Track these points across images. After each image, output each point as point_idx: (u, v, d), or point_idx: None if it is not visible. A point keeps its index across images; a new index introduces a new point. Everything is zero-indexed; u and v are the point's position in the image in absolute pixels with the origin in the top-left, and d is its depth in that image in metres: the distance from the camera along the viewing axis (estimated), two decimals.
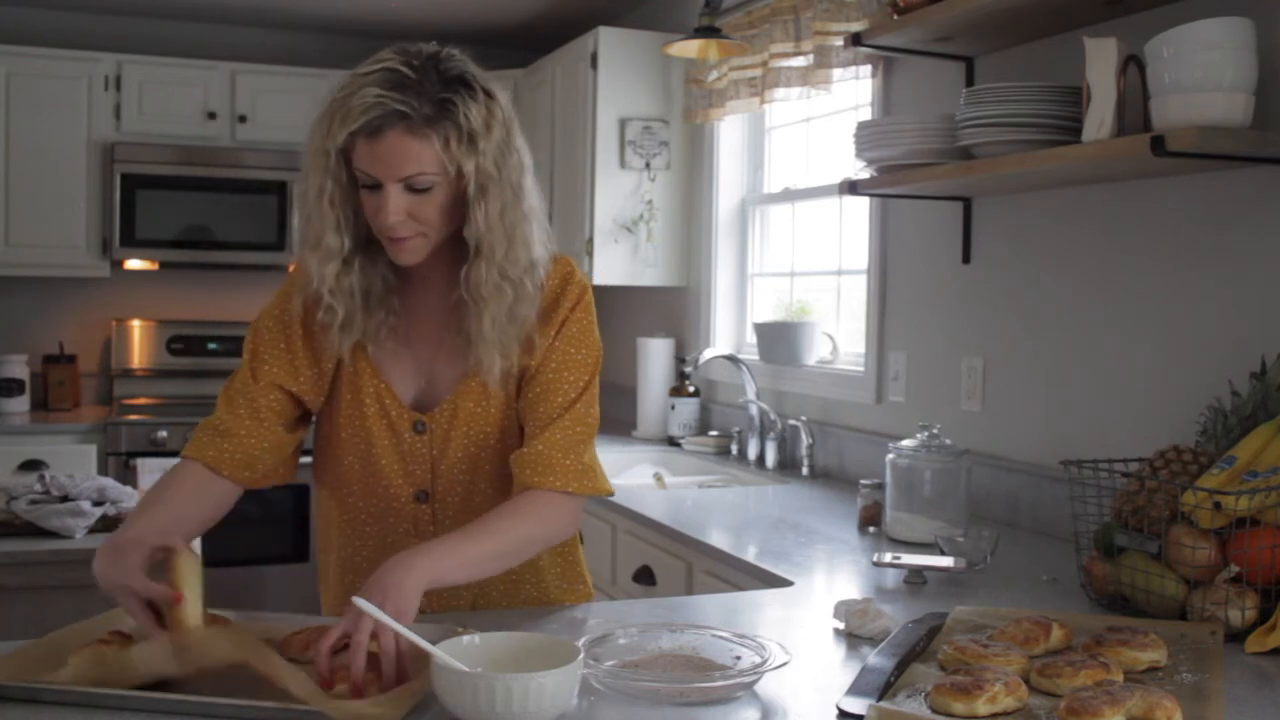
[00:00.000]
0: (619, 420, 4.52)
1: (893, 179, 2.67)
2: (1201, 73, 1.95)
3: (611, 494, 1.71)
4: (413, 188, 1.52)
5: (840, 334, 3.58)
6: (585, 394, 1.68)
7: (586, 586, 1.86)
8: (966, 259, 2.87)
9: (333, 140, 1.51)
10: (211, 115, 4.85)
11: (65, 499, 2.52)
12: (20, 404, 4.66)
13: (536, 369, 1.67)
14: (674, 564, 2.65)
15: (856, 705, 1.32)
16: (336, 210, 1.56)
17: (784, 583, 2.13)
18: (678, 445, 4.01)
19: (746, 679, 1.39)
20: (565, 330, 1.68)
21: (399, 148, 1.49)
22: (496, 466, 1.70)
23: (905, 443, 2.54)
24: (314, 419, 1.77)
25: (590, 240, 4.23)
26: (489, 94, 1.55)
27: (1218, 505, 1.68)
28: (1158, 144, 1.95)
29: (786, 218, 3.98)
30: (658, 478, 3.54)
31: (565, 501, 1.64)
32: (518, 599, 1.77)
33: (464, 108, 1.50)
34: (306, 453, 1.77)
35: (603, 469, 1.71)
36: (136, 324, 5.07)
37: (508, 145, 1.56)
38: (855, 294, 3.46)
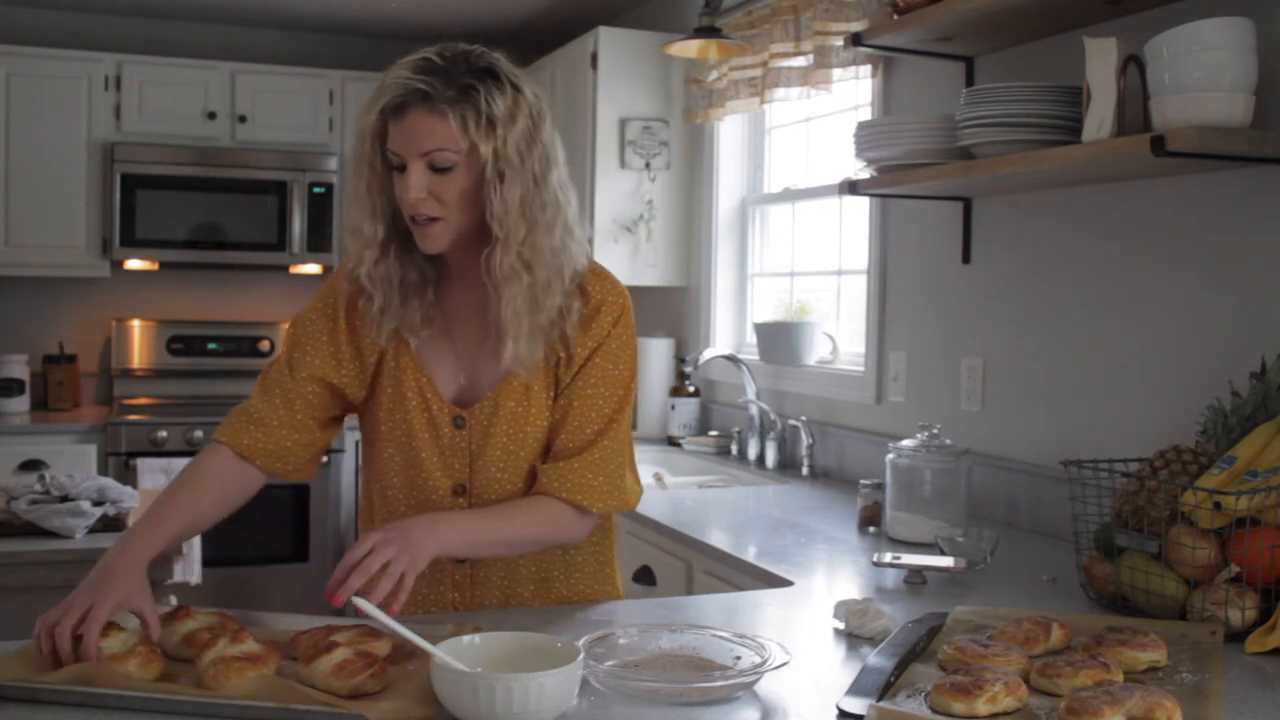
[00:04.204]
0: None
1: (893, 179, 2.67)
2: (1201, 73, 1.95)
3: (633, 509, 1.78)
4: (435, 166, 1.58)
5: (840, 334, 3.58)
6: (622, 411, 1.73)
7: (615, 587, 1.88)
8: (966, 259, 2.87)
9: (367, 119, 1.60)
10: (211, 115, 4.84)
11: (65, 499, 2.52)
12: (20, 404, 4.65)
13: (575, 381, 1.71)
14: (674, 564, 2.65)
15: (856, 705, 1.32)
16: (373, 198, 1.64)
17: (784, 583, 2.13)
18: (678, 445, 4.01)
19: (746, 679, 1.39)
20: (606, 345, 1.72)
21: (420, 125, 1.56)
22: (533, 464, 1.73)
23: (905, 443, 2.54)
24: (345, 418, 1.81)
25: (590, 240, 4.21)
26: (516, 87, 1.63)
27: (1218, 505, 1.68)
28: (1158, 144, 1.95)
29: (786, 218, 3.98)
30: (658, 478, 3.54)
31: (581, 515, 1.71)
32: (549, 597, 1.79)
33: (486, 94, 1.58)
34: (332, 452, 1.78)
35: (636, 481, 1.77)
36: (136, 324, 5.07)
37: (532, 137, 1.63)
38: (855, 294, 3.46)
